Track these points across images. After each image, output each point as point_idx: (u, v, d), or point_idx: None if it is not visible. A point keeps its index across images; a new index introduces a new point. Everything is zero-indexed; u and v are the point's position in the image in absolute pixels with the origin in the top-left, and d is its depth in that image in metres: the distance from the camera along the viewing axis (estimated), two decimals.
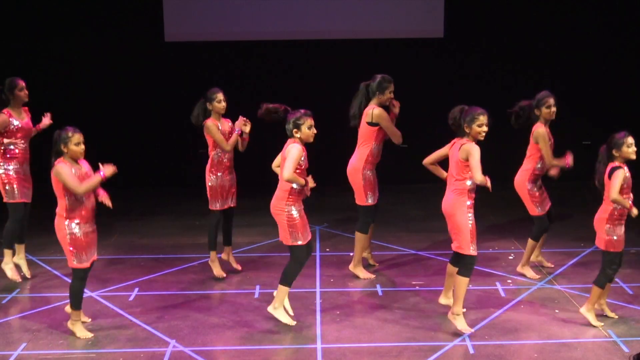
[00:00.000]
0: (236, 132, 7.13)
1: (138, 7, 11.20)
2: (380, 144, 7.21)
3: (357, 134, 7.29)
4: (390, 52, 11.18)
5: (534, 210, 7.24)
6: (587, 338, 6.06)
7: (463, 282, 6.09)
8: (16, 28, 11.07)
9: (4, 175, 7.13)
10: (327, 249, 8.44)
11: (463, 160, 5.95)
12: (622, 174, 5.94)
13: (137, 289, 7.23)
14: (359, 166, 7.22)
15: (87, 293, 6.47)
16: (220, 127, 7.26)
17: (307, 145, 6.17)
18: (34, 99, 10.63)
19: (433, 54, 11.37)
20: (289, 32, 11.28)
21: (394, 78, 7.23)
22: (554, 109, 7.12)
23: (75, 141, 5.91)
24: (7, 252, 7.33)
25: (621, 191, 5.95)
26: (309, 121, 6.07)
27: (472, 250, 6.04)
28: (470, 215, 6.01)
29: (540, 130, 7.08)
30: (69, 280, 7.11)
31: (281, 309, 6.30)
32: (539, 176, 7.23)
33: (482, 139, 5.98)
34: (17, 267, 7.42)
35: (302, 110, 6.11)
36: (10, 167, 7.15)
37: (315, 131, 6.10)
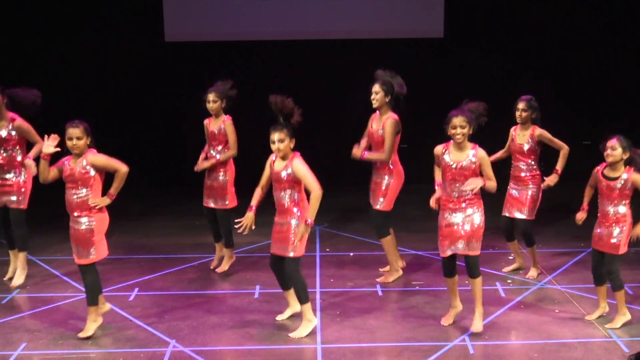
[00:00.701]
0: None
1: (138, 7, 11.20)
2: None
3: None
4: (390, 52, 11.17)
5: None
6: (587, 338, 6.06)
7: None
8: (16, 28, 11.07)
9: None
10: (327, 249, 8.44)
11: None
12: (593, 174, 6.23)
13: (137, 289, 7.23)
14: None
15: None
16: (207, 127, 7.50)
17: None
18: None
19: (433, 54, 11.36)
20: (289, 32, 11.27)
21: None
22: (518, 112, 7.16)
23: (67, 135, 5.90)
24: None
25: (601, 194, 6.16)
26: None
27: (440, 253, 6.20)
28: (440, 217, 6.15)
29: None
30: (69, 280, 7.14)
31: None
32: (511, 175, 7.30)
33: (459, 141, 5.96)
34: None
35: None
36: None
37: (273, 147, 5.93)
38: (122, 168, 6.00)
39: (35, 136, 7.07)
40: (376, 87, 6.97)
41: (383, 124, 6.97)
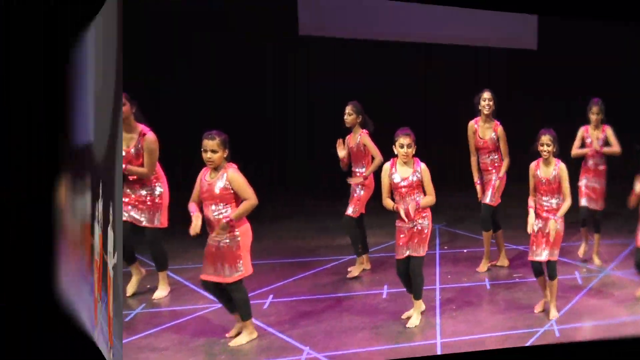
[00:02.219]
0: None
1: None
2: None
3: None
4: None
5: None
6: None
7: None
8: None
9: None
10: (445, 247, 8.74)
11: None
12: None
13: (271, 296, 7.09)
14: None
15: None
16: None
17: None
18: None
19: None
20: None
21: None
22: (594, 116, 8.04)
23: (202, 147, 5.59)
24: None
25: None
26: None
27: None
28: None
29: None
30: (199, 290, 6.89)
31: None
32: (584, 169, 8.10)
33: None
34: None
35: None
36: None
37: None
38: (252, 199, 5.57)
39: (154, 159, 6.48)
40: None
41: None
